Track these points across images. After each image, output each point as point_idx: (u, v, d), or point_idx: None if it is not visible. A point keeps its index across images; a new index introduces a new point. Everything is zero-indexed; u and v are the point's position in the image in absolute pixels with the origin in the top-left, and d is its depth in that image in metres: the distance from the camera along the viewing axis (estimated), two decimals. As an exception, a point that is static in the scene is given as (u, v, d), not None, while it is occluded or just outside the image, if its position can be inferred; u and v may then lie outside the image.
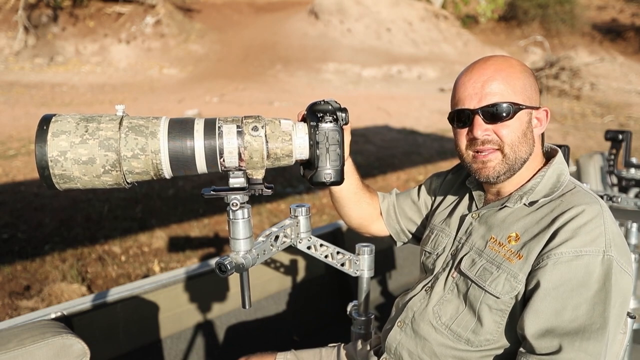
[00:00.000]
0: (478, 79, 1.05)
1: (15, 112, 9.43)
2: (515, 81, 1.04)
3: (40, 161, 0.82)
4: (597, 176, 2.81)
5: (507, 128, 1.03)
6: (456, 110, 1.08)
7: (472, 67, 1.08)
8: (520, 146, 1.05)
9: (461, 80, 1.08)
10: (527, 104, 1.05)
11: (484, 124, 1.04)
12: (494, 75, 1.04)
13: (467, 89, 1.06)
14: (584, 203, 0.99)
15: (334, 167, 0.96)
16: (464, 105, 1.06)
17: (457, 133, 1.10)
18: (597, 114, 11.62)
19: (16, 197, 4.94)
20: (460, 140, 1.10)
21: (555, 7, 21.49)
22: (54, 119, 0.85)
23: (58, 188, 0.86)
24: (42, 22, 15.89)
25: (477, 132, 1.04)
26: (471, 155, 1.08)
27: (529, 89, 1.06)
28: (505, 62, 1.06)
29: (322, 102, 0.99)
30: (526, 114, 1.05)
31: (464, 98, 1.06)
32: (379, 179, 6.03)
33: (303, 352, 1.40)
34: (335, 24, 18.43)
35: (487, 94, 1.03)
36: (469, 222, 1.15)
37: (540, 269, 0.95)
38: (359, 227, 1.39)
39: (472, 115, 1.05)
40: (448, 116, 1.12)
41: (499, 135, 1.04)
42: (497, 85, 1.03)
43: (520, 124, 1.04)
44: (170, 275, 1.96)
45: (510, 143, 1.04)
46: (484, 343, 1.04)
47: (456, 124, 1.10)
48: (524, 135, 1.05)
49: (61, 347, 1.09)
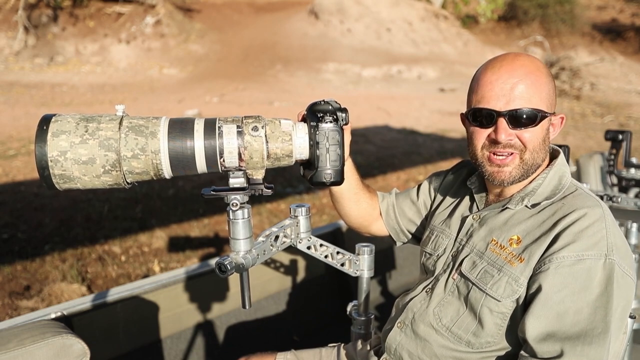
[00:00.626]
0: (507, 80, 1.00)
1: (15, 112, 9.43)
2: (542, 87, 1.02)
3: (40, 161, 0.82)
4: (597, 176, 2.81)
5: (531, 134, 1.01)
6: (479, 109, 1.03)
7: (499, 65, 1.02)
8: (540, 152, 1.04)
9: (487, 78, 1.03)
10: (549, 112, 1.03)
11: (509, 129, 1.01)
12: (523, 78, 1.00)
13: (494, 88, 1.01)
14: (585, 206, 0.98)
15: (334, 167, 0.96)
16: (488, 105, 1.01)
17: (475, 132, 1.06)
18: (597, 114, 11.62)
19: (16, 197, 4.94)
20: (478, 140, 1.06)
21: (555, 7, 21.49)
22: (54, 119, 0.84)
23: (58, 188, 0.86)
24: (42, 22, 15.89)
25: (501, 136, 1.00)
26: (487, 157, 1.05)
27: (552, 96, 1.05)
28: (533, 65, 1.02)
29: (322, 102, 0.99)
30: (548, 121, 1.04)
31: (489, 97, 1.01)
32: (379, 179, 6.02)
33: (303, 352, 1.40)
34: (335, 24, 18.43)
35: (515, 98, 0.99)
36: (469, 223, 1.15)
37: (542, 272, 0.95)
38: (359, 226, 1.39)
39: (497, 117, 1.01)
40: (466, 112, 1.08)
41: (522, 140, 1.01)
42: (525, 89, 1.00)
43: (542, 131, 1.03)
44: (170, 275, 1.96)
45: (532, 149, 1.02)
46: (485, 345, 1.03)
47: (476, 122, 1.05)
48: (544, 141, 1.04)
49: (61, 347, 1.09)
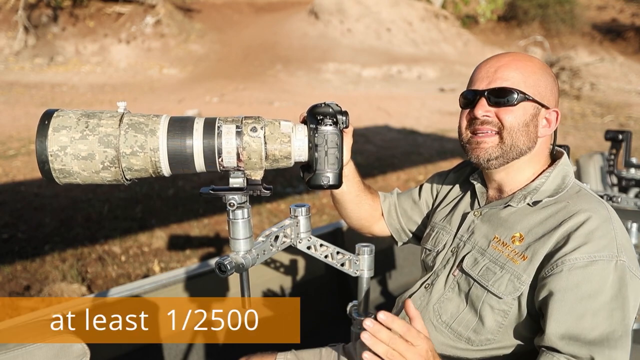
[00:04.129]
0: (493, 64, 1.06)
1: (15, 112, 9.42)
2: (530, 74, 1.04)
3: (40, 155, 0.83)
4: (597, 176, 2.81)
5: (510, 114, 1.03)
6: (464, 92, 1.09)
7: (491, 56, 1.10)
8: (520, 135, 1.04)
9: (478, 66, 1.10)
10: (536, 99, 1.04)
11: (487, 105, 1.04)
12: (509, 63, 1.05)
13: (480, 72, 1.08)
14: (591, 207, 0.98)
15: (333, 171, 0.96)
16: (473, 86, 1.07)
17: (461, 114, 1.11)
18: (597, 114, 11.62)
19: (16, 197, 4.94)
20: (462, 121, 1.10)
21: (555, 7, 21.47)
22: (56, 114, 0.85)
23: (58, 182, 0.87)
24: (42, 22, 15.88)
25: (478, 112, 1.04)
26: (469, 136, 1.08)
27: (543, 87, 1.05)
28: (525, 57, 1.07)
29: (322, 104, 0.99)
30: (532, 107, 1.04)
31: (475, 80, 1.08)
32: (379, 179, 6.02)
33: (303, 352, 1.40)
34: (335, 24, 18.42)
35: (497, 78, 1.04)
36: (471, 219, 1.15)
37: (554, 275, 0.94)
38: (361, 227, 1.39)
39: (478, 96, 1.05)
40: (459, 100, 1.13)
41: (499, 117, 1.04)
42: (509, 72, 1.04)
43: (524, 114, 1.03)
44: (170, 275, 1.96)
45: (509, 127, 1.03)
46: (485, 342, 1.04)
47: (462, 104, 1.10)
48: (526, 125, 1.04)
49: (61, 347, 1.09)
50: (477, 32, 21.47)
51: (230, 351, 2.10)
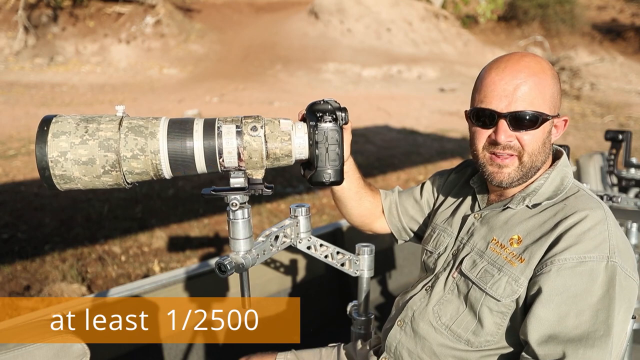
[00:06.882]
0: (510, 81, 0.99)
1: (15, 112, 9.42)
2: (546, 88, 1.01)
3: (40, 162, 0.83)
4: (597, 176, 2.80)
5: (530, 136, 1.01)
6: (481, 109, 1.03)
7: (504, 66, 1.02)
8: (539, 155, 1.03)
9: (491, 78, 1.02)
10: (552, 114, 1.02)
11: (509, 130, 1.00)
12: (526, 79, 0.99)
13: (496, 88, 1.01)
14: (587, 208, 0.98)
15: (334, 167, 0.96)
16: (490, 105, 1.01)
17: (477, 132, 1.06)
18: (597, 114, 11.62)
19: (16, 197, 4.94)
20: (479, 140, 1.06)
21: (555, 7, 21.47)
22: (55, 119, 0.85)
23: (59, 188, 0.86)
24: (42, 22, 15.88)
25: (501, 137, 1.00)
26: (488, 157, 1.05)
27: (556, 98, 1.04)
28: (538, 66, 1.01)
29: (321, 101, 0.98)
30: (550, 124, 1.03)
31: (491, 98, 1.01)
32: (379, 178, 6.02)
33: (303, 352, 1.40)
34: (335, 24, 18.42)
35: (517, 99, 0.99)
36: (471, 222, 1.15)
37: (544, 274, 0.94)
38: (361, 225, 1.39)
39: (498, 118, 1.01)
40: (469, 112, 1.08)
41: (521, 142, 1.01)
42: (528, 91, 0.99)
43: (543, 134, 1.02)
44: (170, 275, 1.96)
45: (530, 152, 1.02)
46: (484, 344, 1.04)
47: (478, 122, 1.05)
48: (544, 144, 1.04)
49: (61, 347, 1.09)
50: (477, 32, 21.47)
51: (230, 351, 2.10)
